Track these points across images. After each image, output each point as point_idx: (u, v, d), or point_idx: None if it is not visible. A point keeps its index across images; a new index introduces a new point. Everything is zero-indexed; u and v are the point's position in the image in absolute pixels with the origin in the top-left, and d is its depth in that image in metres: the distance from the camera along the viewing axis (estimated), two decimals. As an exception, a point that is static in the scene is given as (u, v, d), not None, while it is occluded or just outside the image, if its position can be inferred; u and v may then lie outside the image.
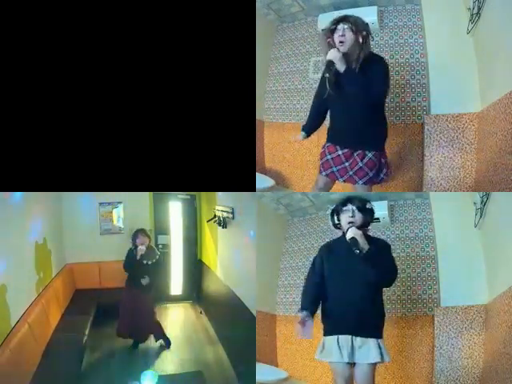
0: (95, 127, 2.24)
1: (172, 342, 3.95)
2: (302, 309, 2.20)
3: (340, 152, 2.40)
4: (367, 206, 2.21)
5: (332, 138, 2.46)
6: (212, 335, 4.30)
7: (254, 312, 3.02)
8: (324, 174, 2.48)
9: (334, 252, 2.29)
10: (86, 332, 3.53)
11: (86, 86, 2.22)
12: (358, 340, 2.12)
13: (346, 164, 2.38)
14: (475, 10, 2.54)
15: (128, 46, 2.22)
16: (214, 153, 2.31)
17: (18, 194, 2.96)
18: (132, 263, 3.71)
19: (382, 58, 2.36)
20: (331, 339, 2.17)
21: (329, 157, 2.43)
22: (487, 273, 2.62)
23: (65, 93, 2.21)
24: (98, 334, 4.02)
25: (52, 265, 4.05)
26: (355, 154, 2.36)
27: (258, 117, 2.53)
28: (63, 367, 2.77)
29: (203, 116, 2.29)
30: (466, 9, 2.67)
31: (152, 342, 3.91)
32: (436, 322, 2.81)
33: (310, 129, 2.59)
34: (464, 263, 2.76)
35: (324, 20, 3.31)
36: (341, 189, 3.11)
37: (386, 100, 3.16)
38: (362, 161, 2.34)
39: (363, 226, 2.20)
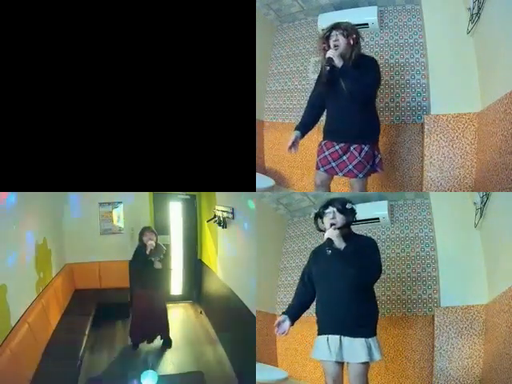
0: (95, 127, 2.24)
1: (172, 341, 3.95)
2: (283, 313, 2.29)
3: (337, 147, 2.46)
4: (347, 207, 2.21)
5: (328, 134, 2.53)
6: (212, 335, 4.30)
7: (254, 312, 3.02)
8: (322, 169, 2.52)
9: (320, 256, 2.28)
10: (86, 332, 3.53)
11: (87, 86, 2.22)
12: (346, 340, 2.10)
13: (344, 158, 2.45)
14: (475, 10, 2.54)
15: (128, 46, 2.22)
16: (214, 153, 2.31)
17: (17, 194, 2.96)
18: (141, 260, 3.66)
19: (372, 57, 2.53)
20: (322, 338, 2.18)
21: (326, 153, 2.49)
22: (487, 273, 2.62)
23: (65, 93, 2.21)
24: (98, 334, 4.02)
25: (52, 265, 4.04)
26: (352, 148, 2.43)
27: (257, 117, 2.53)
28: (63, 367, 2.77)
29: (203, 116, 2.29)
30: (465, 9, 2.67)
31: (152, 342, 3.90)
32: (436, 321, 2.81)
33: (305, 126, 2.58)
34: (464, 263, 2.77)
35: (324, 20, 3.31)
36: (341, 185, 3.11)
37: (387, 100, 3.18)
38: (360, 154, 2.42)
39: (345, 227, 2.20)
